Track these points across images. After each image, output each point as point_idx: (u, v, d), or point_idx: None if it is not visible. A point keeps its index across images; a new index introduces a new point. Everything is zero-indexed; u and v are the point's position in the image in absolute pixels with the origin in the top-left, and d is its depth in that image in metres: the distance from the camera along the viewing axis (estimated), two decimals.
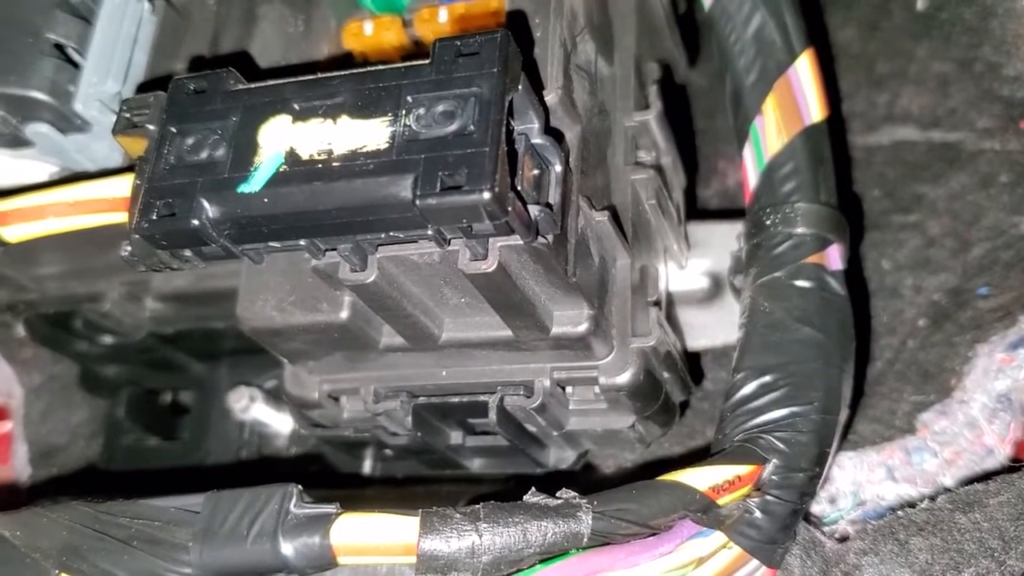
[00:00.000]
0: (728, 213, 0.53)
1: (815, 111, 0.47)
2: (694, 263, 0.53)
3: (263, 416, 0.53)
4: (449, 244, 0.36)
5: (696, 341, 0.52)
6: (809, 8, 0.66)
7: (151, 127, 0.38)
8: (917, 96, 0.63)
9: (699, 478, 0.38)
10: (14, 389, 0.67)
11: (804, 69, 0.47)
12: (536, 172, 0.37)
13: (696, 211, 0.60)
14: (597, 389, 0.44)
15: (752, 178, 0.47)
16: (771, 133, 0.47)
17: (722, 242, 0.52)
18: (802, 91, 0.47)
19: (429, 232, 0.35)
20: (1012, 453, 0.48)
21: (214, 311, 0.51)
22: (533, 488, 0.37)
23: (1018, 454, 0.47)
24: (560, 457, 0.50)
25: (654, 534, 0.38)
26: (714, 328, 0.52)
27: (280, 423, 0.54)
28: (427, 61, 0.35)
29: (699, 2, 0.51)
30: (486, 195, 0.32)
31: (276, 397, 0.54)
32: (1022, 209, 0.57)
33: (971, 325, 0.53)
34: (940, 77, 0.63)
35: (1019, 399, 0.49)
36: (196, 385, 0.59)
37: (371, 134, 0.34)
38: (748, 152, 0.48)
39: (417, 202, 0.32)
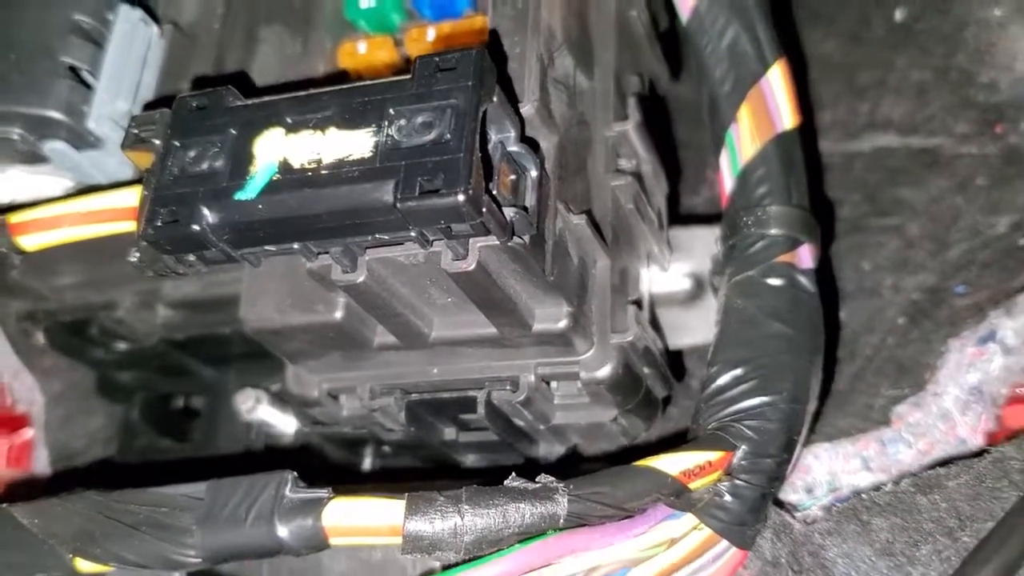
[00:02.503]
0: (711, 219, 0.55)
1: (787, 119, 0.49)
2: (677, 266, 0.55)
3: (268, 417, 0.56)
4: (432, 246, 0.39)
5: (680, 340, 0.54)
6: (793, 22, 0.70)
7: (157, 141, 0.41)
8: (897, 104, 0.65)
9: (671, 464, 0.40)
10: (36, 397, 0.70)
11: (776, 79, 0.50)
12: (513, 177, 0.39)
13: (684, 218, 0.62)
14: (579, 384, 0.46)
15: (728, 183, 0.50)
16: (745, 140, 0.49)
17: (704, 245, 0.55)
18: (774, 100, 0.50)
19: (412, 234, 0.37)
20: (984, 443, 0.50)
21: (221, 317, 0.54)
22: (514, 473, 0.39)
23: (990, 444, 0.49)
24: (550, 452, 0.52)
25: (629, 516, 0.40)
26: (696, 327, 0.54)
27: (284, 423, 0.56)
28: (409, 76, 0.38)
29: (678, 17, 0.53)
30: (460, 197, 0.34)
31: (281, 399, 0.57)
32: (998, 210, 0.59)
33: (947, 322, 0.56)
34: (918, 85, 0.65)
35: (990, 391, 0.51)
36: (206, 390, 0.62)
37: (357, 144, 0.37)
38: (724, 158, 0.50)
39: (398, 205, 0.35)
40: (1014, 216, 0.58)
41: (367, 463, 0.57)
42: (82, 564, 0.41)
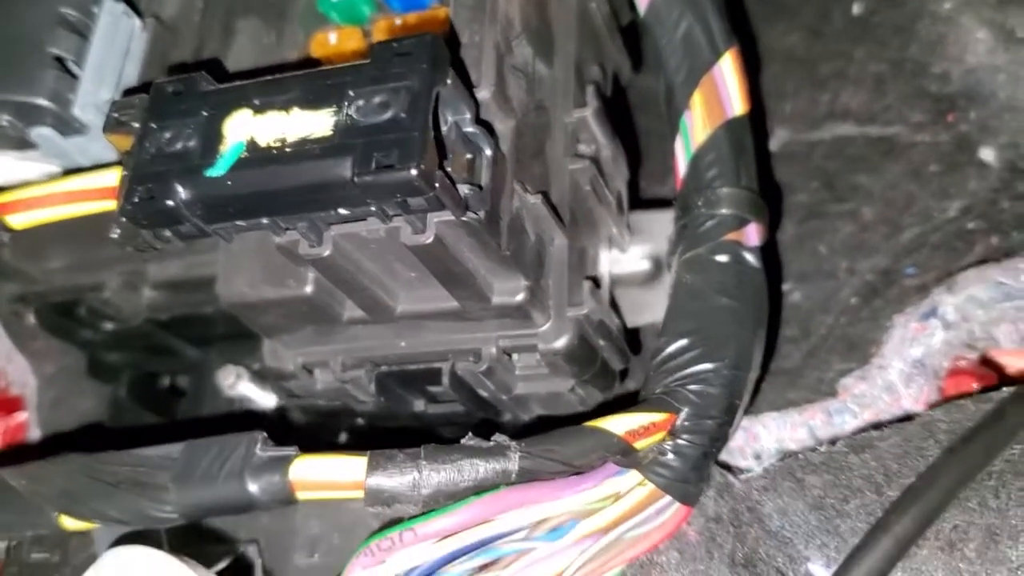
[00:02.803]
0: (670, 204, 0.58)
1: (737, 105, 0.52)
2: (636, 248, 0.57)
3: (249, 392, 0.59)
4: (391, 221, 0.41)
5: (639, 317, 0.57)
6: (757, 17, 0.73)
7: (135, 125, 0.43)
8: (855, 94, 0.68)
9: (618, 424, 0.43)
10: (28, 379, 0.73)
11: (727, 67, 0.52)
12: (468, 157, 0.42)
13: (650, 204, 0.65)
14: (538, 355, 0.49)
15: (681, 167, 0.52)
16: (698, 126, 0.52)
17: (663, 228, 0.57)
18: (725, 87, 0.52)
19: (372, 209, 0.40)
20: None
21: (203, 297, 0.56)
22: (470, 432, 0.42)
23: None
24: (515, 423, 0.55)
25: (578, 473, 0.43)
26: (655, 306, 0.56)
27: (264, 399, 0.59)
28: (368, 61, 0.40)
29: (636, 10, 0.56)
30: (414, 171, 0.37)
31: (261, 376, 0.60)
32: (949, 196, 0.62)
33: (896, 301, 0.58)
34: (876, 76, 0.68)
35: (932, 364, 0.53)
36: (189, 368, 0.64)
37: (318, 124, 0.39)
38: (679, 144, 0.53)
39: (356, 179, 0.38)
40: (964, 201, 0.61)
41: (342, 438, 0.59)
42: (67, 522, 0.44)
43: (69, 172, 0.52)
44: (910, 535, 0.40)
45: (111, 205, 0.46)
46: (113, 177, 0.46)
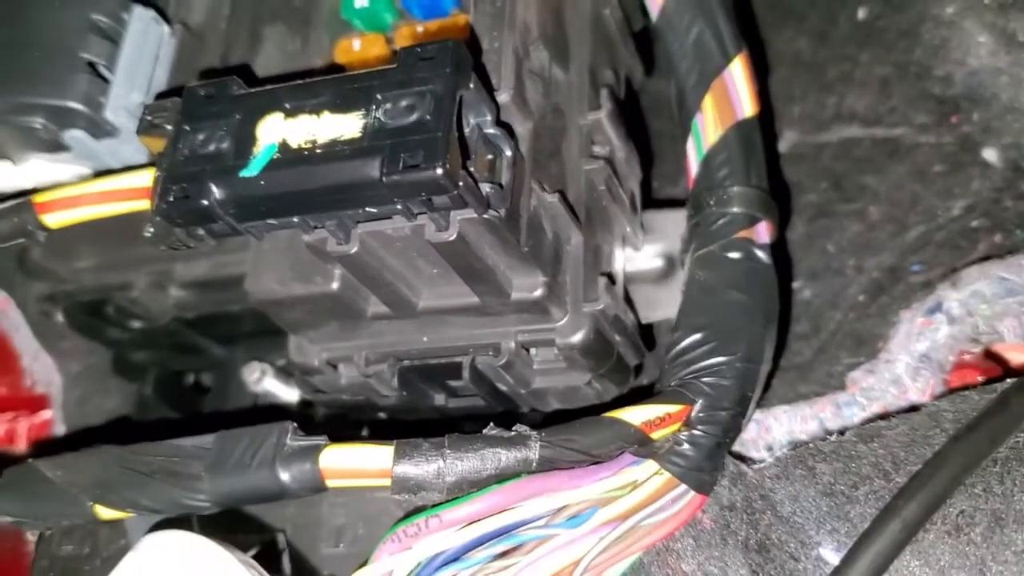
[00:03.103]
0: (683, 203, 0.59)
1: (747, 107, 0.53)
2: (650, 246, 0.59)
3: (273, 388, 0.60)
4: (416, 219, 0.43)
5: (652, 314, 0.59)
6: (765, 22, 0.74)
7: (168, 127, 0.45)
8: (861, 97, 0.70)
9: (635, 415, 0.44)
10: (54, 378, 0.74)
11: (737, 71, 0.54)
12: (489, 157, 0.44)
13: (660, 203, 0.67)
14: (556, 349, 0.51)
15: (693, 167, 0.54)
16: (709, 127, 0.53)
17: (675, 227, 0.59)
18: (735, 90, 0.54)
19: (398, 207, 0.42)
20: None
21: (230, 296, 0.58)
22: (492, 423, 0.44)
23: None
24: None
25: (596, 462, 0.44)
26: (668, 302, 0.58)
27: (288, 394, 0.61)
28: (394, 66, 0.42)
29: (648, 16, 0.58)
30: (439, 171, 0.39)
31: (285, 372, 0.61)
32: (953, 195, 0.63)
33: (902, 297, 0.60)
34: (881, 79, 0.69)
35: (937, 358, 0.55)
36: (215, 366, 0.66)
37: (348, 126, 0.41)
38: (690, 145, 0.54)
39: (383, 179, 0.39)
40: (968, 200, 0.62)
41: (364, 432, 0.61)
42: (102, 511, 0.45)
43: (100, 174, 0.54)
44: (918, 520, 0.42)
45: (142, 205, 0.48)
46: (145, 178, 0.48)
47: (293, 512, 0.53)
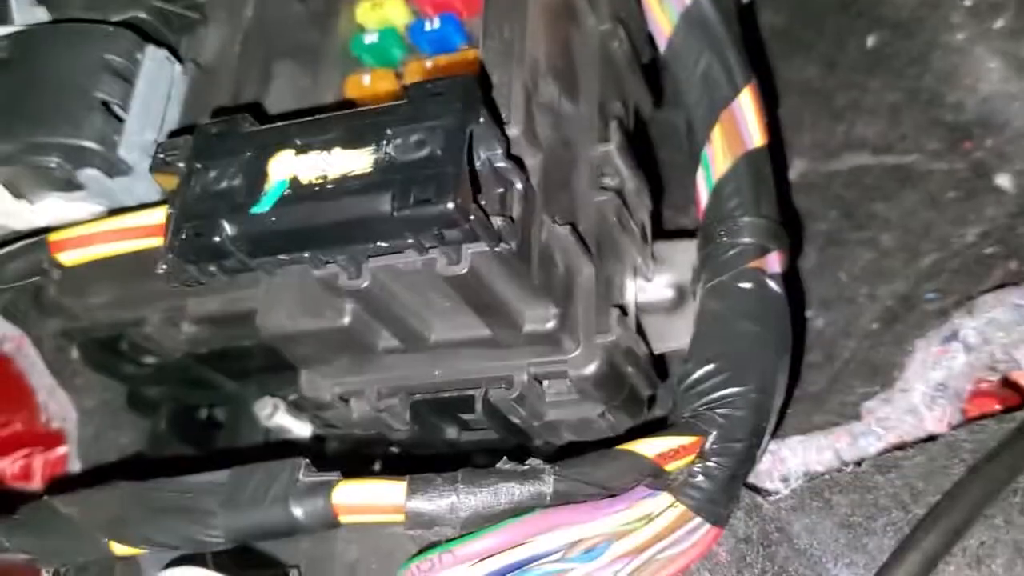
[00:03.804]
0: (695, 234, 0.59)
1: (756, 137, 0.53)
2: (661, 277, 0.59)
3: (285, 422, 0.60)
4: (428, 253, 0.43)
5: (664, 345, 0.58)
6: (774, 52, 0.75)
7: (181, 165, 0.46)
8: (871, 124, 0.70)
9: (649, 447, 0.44)
10: (69, 414, 0.75)
11: (746, 102, 0.54)
12: (500, 190, 0.44)
13: (671, 234, 0.67)
14: (568, 381, 0.50)
15: (703, 198, 0.54)
16: (718, 158, 0.53)
17: (686, 257, 0.58)
18: (744, 121, 0.54)
19: (410, 241, 0.42)
20: None
21: (241, 331, 0.58)
22: (505, 457, 0.44)
23: None
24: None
25: (611, 495, 0.44)
26: (680, 333, 0.58)
27: (300, 429, 0.61)
28: (405, 101, 0.42)
29: (656, 48, 0.58)
30: (450, 205, 0.39)
31: (297, 407, 0.61)
32: (966, 222, 0.63)
33: (916, 325, 0.59)
34: (892, 106, 0.69)
35: (954, 386, 0.55)
36: (228, 401, 0.66)
37: (359, 161, 0.41)
38: (700, 176, 0.54)
39: (395, 214, 0.40)
40: (981, 227, 0.62)
41: (376, 467, 0.61)
42: (117, 547, 0.45)
43: (114, 212, 0.54)
44: (938, 552, 0.41)
45: (156, 242, 0.48)
46: (159, 215, 0.48)
47: (307, 547, 0.53)
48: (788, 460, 0.53)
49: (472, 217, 0.40)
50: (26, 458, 0.75)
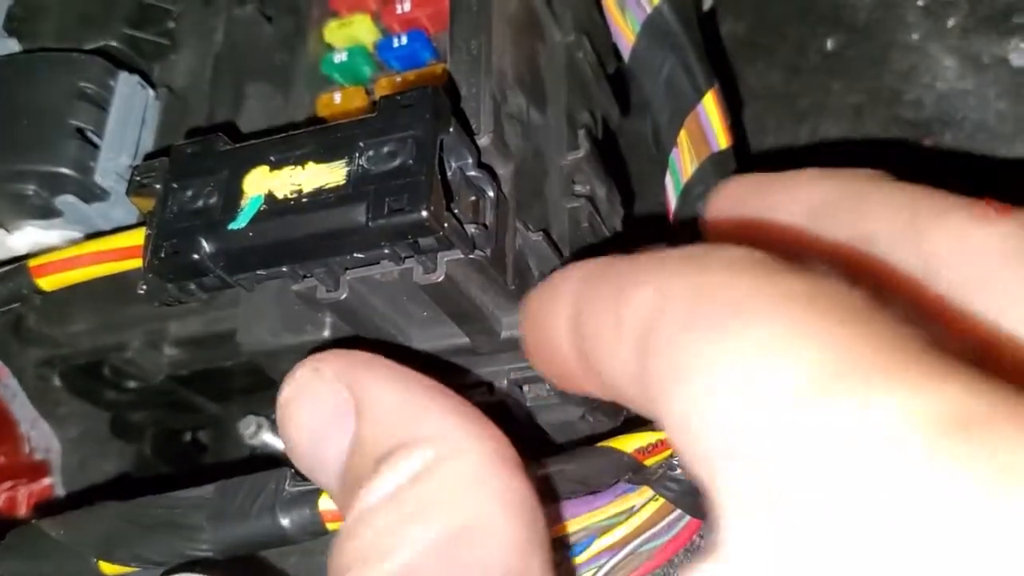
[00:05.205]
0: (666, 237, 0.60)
1: (720, 140, 0.55)
2: None
3: (269, 440, 0.61)
4: (404, 262, 0.44)
5: None
6: (736, 58, 0.76)
7: (157, 186, 0.46)
8: (835, 125, 0.71)
9: (628, 443, 0.45)
10: (53, 444, 0.75)
11: (709, 106, 0.55)
12: (473, 198, 0.45)
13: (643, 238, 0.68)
14: (547, 385, 0.51)
15: (672, 200, 0.55)
16: (685, 161, 0.55)
17: None
18: (708, 124, 0.55)
19: (386, 251, 0.43)
20: None
21: (223, 351, 0.59)
22: None
23: None
24: None
25: (592, 492, 0.45)
26: None
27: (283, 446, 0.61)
28: (375, 114, 0.43)
29: (621, 58, 0.59)
30: (424, 213, 0.40)
31: None
32: None
33: None
34: (854, 107, 0.71)
35: None
36: (212, 423, 0.67)
37: (332, 175, 0.42)
38: (669, 180, 0.56)
39: (370, 224, 0.40)
40: None
41: None
42: (106, 567, 0.46)
43: (90, 236, 0.55)
44: None
45: (136, 263, 0.49)
46: (137, 237, 0.49)
47: (295, 561, 0.53)
48: None
49: (446, 225, 0.41)
50: (10, 490, 0.75)
